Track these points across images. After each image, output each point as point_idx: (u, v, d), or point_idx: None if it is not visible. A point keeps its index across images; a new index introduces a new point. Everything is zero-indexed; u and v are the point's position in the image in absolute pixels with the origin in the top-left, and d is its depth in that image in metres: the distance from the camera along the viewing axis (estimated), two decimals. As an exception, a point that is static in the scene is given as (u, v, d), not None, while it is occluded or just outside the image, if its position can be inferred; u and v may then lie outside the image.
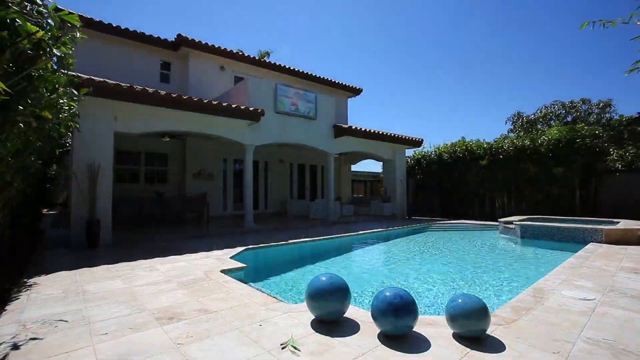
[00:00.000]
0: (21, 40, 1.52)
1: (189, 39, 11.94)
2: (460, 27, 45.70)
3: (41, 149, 4.10)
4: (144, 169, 12.21)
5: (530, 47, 44.97)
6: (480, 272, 5.51)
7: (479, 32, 45.69)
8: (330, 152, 12.15)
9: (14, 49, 1.49)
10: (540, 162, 12.59)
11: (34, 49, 1.99)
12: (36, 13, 2.13)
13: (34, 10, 2.00)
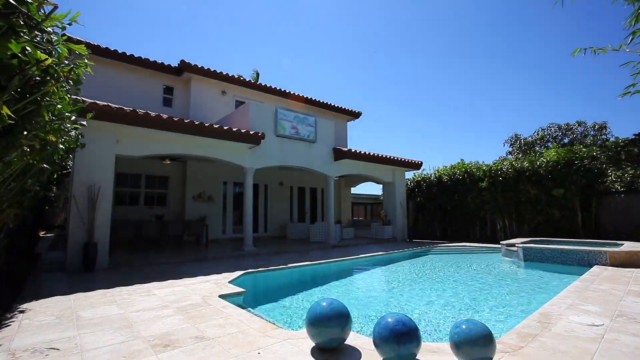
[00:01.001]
0: (30, 67, 1.57)
1: (191, 64, 12.29)
2: (457, 50, 47.13)
3: (42, 172, 4.12)
4: (144, 191, 12.20)
5: (526, 71, 46.19)
6: (484, 297, 5.38)
7: (476, 56, 47.08)
8: (330, 175, 12.19)
9: (22, 75, 1.53)
10: (539, 183, 12.61)
11: (41, 75, 2.05)
12: (46, 41, 2.21)
13: (44, 39, 2.07)
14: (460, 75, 51.11)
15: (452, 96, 56.01)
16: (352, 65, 51.93)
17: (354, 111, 17.75)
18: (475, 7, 38.98)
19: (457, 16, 40.47)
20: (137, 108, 8.26)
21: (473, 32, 42.99)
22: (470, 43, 45.13)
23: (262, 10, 27.91)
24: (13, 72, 1.40)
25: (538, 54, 43.50)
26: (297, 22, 39.51)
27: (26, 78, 1.66)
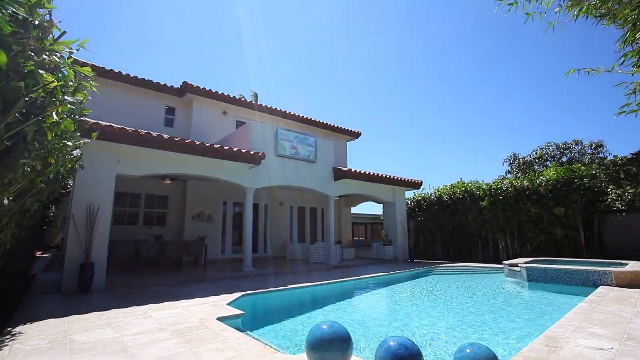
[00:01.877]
0: (37, 89, 1.60)
1: (193, 85, 12.54)
2: (455, 70, 48.20)
3: (42, 191, 4.12)
4: (143, 211, 12.15)
5: (524, 91, 47.06)
6: (488, 319, 5.25)
7: (474, 76, 48.11)
8: (330, 195, 12.18)
9: (28, 97, 1.56)
10: (540, 202, 12.58)
11: (46, 96, 2.09)
12: (53, 64, 2.26)
13: (52, 62, 2.12)
14: (458, 95, 52.09)
15: (450, 115, 56.83)
16: (351, 85, 53.02)
17: (354, 131, 17.95)
18: (472, 29, 40.20)
19: (454, 37, 41.67)
20: (139, 128, 8.36)
21: (470, 52, 44.15)
22: (467, 63, 46.25)
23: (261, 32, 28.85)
24: (20, 94, 1.43)
25: (534, 74, 44.50)
26: (296, 44, 40.67)
27: (32, 100, 1.69)
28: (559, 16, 4.17)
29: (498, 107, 51.47)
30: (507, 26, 39.79)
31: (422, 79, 49.64)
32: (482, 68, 46.23)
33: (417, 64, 47.37)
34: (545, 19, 4.25)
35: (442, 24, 39.58)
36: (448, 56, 45.14)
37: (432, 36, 41.82)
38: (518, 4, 4.23)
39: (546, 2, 4.17)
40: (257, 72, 40.36)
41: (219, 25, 40.36)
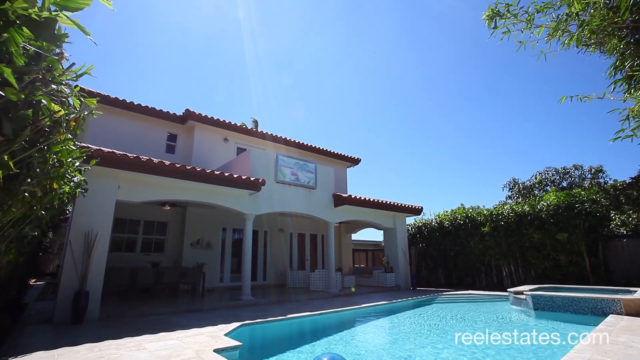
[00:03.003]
0: (43, 119, 1.64)
1: (195, 113, 12.79)
2: (453, 96, 49.34)
3: (41, 218, 4.09)
4: (142, 237, 12.00)
5: (521, 116, 47.94)
6: (496, 349, 5.05)
7: (472, 102, 49.18)
8: (330, 221, 12.09)
9: (34, 126, 1.59)
10: (542, 228, 12.46)
11: (51, 124, 2.13)
12: (59, 93, 2.32)
13: (59, 90, 2.18)
14: (456, 121, 53.03)
15: (449, 141, 57.53)
16: (350, 112, 54.11)
17: (354, 157, 18.12)
18: (468, 58, 41.55)
19: (453, 65, 43.01)
20: (141, 154, 8.45)
21: (468, 79, 45.42)
22: (465, 90, 47.42)
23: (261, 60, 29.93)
24: (27, 122, 1.46)
25: (532, 100, 45.52)
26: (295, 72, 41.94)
27: (37, 128, 1.73)
28: (550, 45, 4.33)
29: (496, 132, 52.24)
30: (503, 55, 41.22)
31: (421, 106, 50.75)
32: (479, 95, 47.39)
33: (415, 92, 48.61)
34: (537, 47, 4.41)
35: (439, 53, 41.00)
36: (446, 84, 46.40)
37: (429, 65, 43.19)
38: (511, 33, 4.40)
39: (537, 31, 4.35)
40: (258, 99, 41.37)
41: (221, 53, 41.84)
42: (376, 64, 42.23)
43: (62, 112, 1.86)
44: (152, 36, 33.19)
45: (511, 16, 4.30)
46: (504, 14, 4.31)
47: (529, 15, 4.21)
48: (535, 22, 4.25)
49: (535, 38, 4.37)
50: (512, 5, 4.22)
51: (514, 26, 4.37)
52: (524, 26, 4.29)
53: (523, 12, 4.22)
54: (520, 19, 4.27)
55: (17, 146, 1.47)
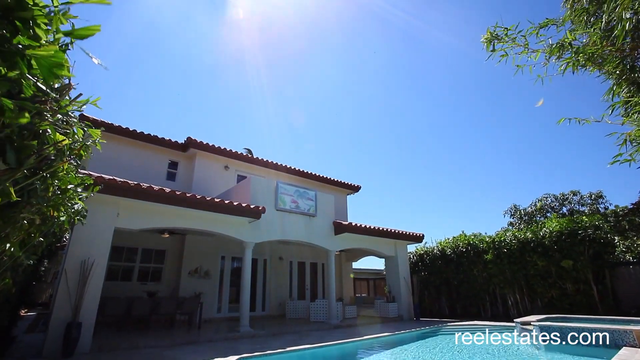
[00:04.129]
0: (48, 148, 1.67)
1: (197, 141, 12.96)
2: (453, 124, 50.20)
3: (37, 246, 4.04)
4: (139, 266, 11.77)
5: (520, 142, 48.54)
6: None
7: (471, 128, 49.96)
8: (330, 250, 11.93)
9: (38, 155, 1.62)
10: (546, 255, 12.26)
11: (55, 153, 2.16)
12: (64, 123, 2.38)
13: (64, 121, 2.24)
14: (456, 148, 53.63)
15: (449, 169, 57.92)
16: (350, 139, 54.88)
17: (354, 185, 18.17)
18: (469, 85, 42.70)
19: (452, 92, 44.11)
20: (142, 182, 8.48)
21: (468, 106, 46.43)
22: (465, 117, 48.37)
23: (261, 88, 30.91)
24: (31, 151, 1.49)
25: (529, 126, 46.26)
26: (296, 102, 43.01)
27: (41, 157, 1.76)
28: (546, 69, 4.44)
29: (496, 159, 52.73)
30: (501, 82, 42.40)
31: (420, 133, 51.56)
32: (478, 122, 48.28)
33: (414, 120, 49.60)
34: (535, 71, 4.52)
35: (438, 82, 42.26)
36: (445, 112, 47.43)
37: (429, 94, 44.36)
38: (509, 56, 4.52)
39: (534, 55, 4.46)
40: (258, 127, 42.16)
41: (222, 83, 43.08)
42: (376, 93, 43.37)
43: (66, 142, 1.90)
44: (155, 65, 34.36)
45: (509, 40, 4.44)
46: (502, 37, 4.45)
47: (526, 40, 4.36)
48: (531, 47, 4.39)
49: (533, 62, 4.49)
50: (510, 29, 4.37)
51: (512, 50, 4.50)
52: (521, 50, 4.43)
53: (521, 37, 4.36)
54: (518, 43, 4.41)
55: (20, 174, 1.49)
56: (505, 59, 4.56)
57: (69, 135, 2.33)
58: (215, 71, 40.93)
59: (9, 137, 1.33)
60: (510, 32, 4.41)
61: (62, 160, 2.43)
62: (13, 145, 1.36)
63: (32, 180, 2.05)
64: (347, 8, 32.84)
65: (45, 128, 1.53)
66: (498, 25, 4.41)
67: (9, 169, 1.39)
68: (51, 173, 2.11)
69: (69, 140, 2.27)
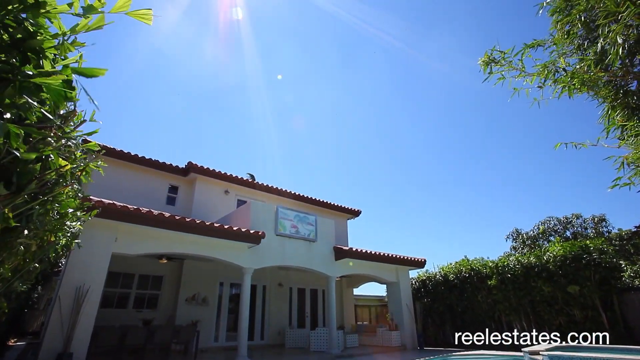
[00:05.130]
0: (50, 173, 1.68)
1: (197, 166, 13.03)
2: (453, 147, 50.64)
3: (32, 271, 3.96)
4: (135, 293, 11.48)
5: (520, 166, 48.78)
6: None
7: (472, 152, 50.35)
8: (331, 276, 11.70)
9: (40, 180, 1.62)
10: (551, 280, 11.99)
11: (56, 178, 2.17)
12: (67, 148, 2.41)
13: (66, 146, 2.26)
14: (456, 172, 53.88)
15: (450, 193, 57.88)
16: (350, 163, 55.25)
17: (354, 209, 18.09)
18: (468, 108, 43.46)
19: (453, 115, 44.85)
20: (141, 206, 8.45)
21: (468, 130, 47.05)
22: (466, 141, 48.90)
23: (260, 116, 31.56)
24: (33, 176, 1.50)
25: (529, 148, 46.67)
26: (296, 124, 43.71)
27: (43, 182, 1.76)
28: (542, 93, 4.53)
29: (496, 182, 52.81)
30: (499, 105, 43.25)
31: (420, 157, 51.99)
32: (477, 146, 48.79)
33: (414, 144, 50.16)
34: (532, 94, 4.61)
35: (437, 107, 43.11)
36: (444, 137, 48.04)
37: (428, 118, 45.15)
38: (505, 79, 4.62)
39: (530, 79, 4.56)
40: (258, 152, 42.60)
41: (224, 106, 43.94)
42: (375, 117, 44.15)
43: (68, 167, 1.91)
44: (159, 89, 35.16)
45: (505, 63, 4.56)
46: (499, 60, 4.57)
47: (522, 65, 4.47)
48: (527, 70, 4.50)
49: (529, 85, 4.58)
50: (506, 52, 4.50)
51: (508, 73, 4.61)
52: (518, 73, 4.54)
53: (517, 61, 4.48)
54: (514, 67, 4.53)
55: (20, 199, 1.48)
56: (502, 81, 4.66)
57: (71, 159, 2.35)
58: (218, 96, 41.89)
59: (12, 162, 1.35)
60: (507, 55, 4.54)
61: (63, 184, 2.44)
62: (16, 171, 1.37)
63: (32, 205, 2.05)
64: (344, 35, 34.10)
65: (48, 153, 1.55)
66: (495, 49, 4.55)
67: (9, 194, 1.39)
68: (52, 197, 2.11)
69: (71, 164, 2.29)
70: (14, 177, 1.35)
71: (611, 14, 3.45)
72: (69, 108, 2.18)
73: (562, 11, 4.28)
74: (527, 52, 4.43)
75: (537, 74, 4.36)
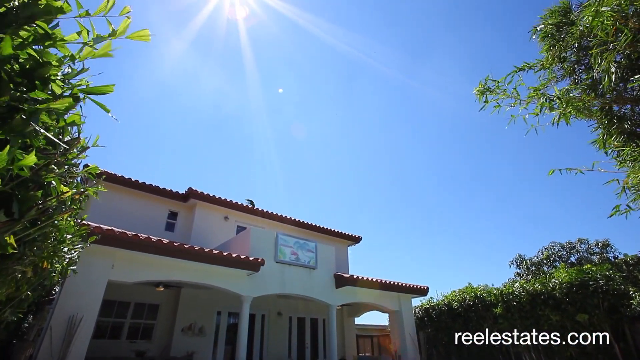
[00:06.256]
0: (51, 200, 1.68)
1: (197, 191, 13.02)
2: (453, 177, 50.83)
3: (24, 300, 3.86)
4: (129, 322, 11.08)
5: (522, 192, 48.74)
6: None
7: (472, 180, 50.48)
8: (331, 304, 11.37)
9: (41, 206, 1.62)
10: (558, 308, 11.64)
11: (57, 204, 2.17)
12: (69, 174, 2.42)
13: (69, 172, 2.28)
14: (458, 198, 53.79)
15: (452, 219, 57.51)
16: (351, 190, 55.29)
17: (354, 236, 17.89)
18: (470, 136, 44.05)
19: (453, 141, 45.37)
20: (140, 232, 8.37)
21: (469, 156, 47.43)
22: (466, 167, 49.19)
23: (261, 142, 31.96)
24: (34, 203, 1.50)
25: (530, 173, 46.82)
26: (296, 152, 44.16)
27: (43, 208, 1.76)
28: (538, 119, 4.60)
29: (498, 208, 52.60)
30: (501, 132, 43.87)
31: (422, 184, 52.14)
32: (479, 173, 49.04)
33: (416, 170, 50.46)
34: (529, 120, 4.67)
35: (439, 133, 43.75)
36: (445, 162, 48.42)
37: (430, 145, 45.70)
38: (501, 107, 4.70)
39: (525, 104, 4.64)
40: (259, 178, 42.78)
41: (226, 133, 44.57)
42: (376, 143, 44.70)
43: (69, 193, 1.92)
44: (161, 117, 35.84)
45: (500, 92, 4.67)
46: (494, 89, 4.68)
47: (517, 93, 4.57)
48: (522, 98, 4.59)
49: (525, 112, 4.66)
50: (500, 81, 4.61)
51: (503, 101, 4.70)
52: (513, 101, 4.63)
53: (512, 89, 4.59)
54: (509, 95, 4.63)
55: (20, 226, 1.47)
56: (498, 109, 4.75)
57: (71, 185, 2.36)
58: (220, 123, 42.64)
59: (14, 189, 1.35)
60: (501, 83, 4.66)
61: (63, 210, 2.43)
62: (17, 197, 1.37)
63: (31, 232, 2.03)
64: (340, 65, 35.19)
65: (50, 180, 1.56)
66: (489, 78, 4.67)
67: (9, 221, 1.38)
68: (51, 224, 2.10)
69: (72, 190, 2.29)
70: (14, 206, 1.35)
71: (603, 42, 3.58)
72: (73, 134, 2.21)
73: (553, 36, 4.44)
74: (520, 79, 4.56)
75: (530, 95, 4.46)
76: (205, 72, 32.74)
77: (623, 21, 3.20)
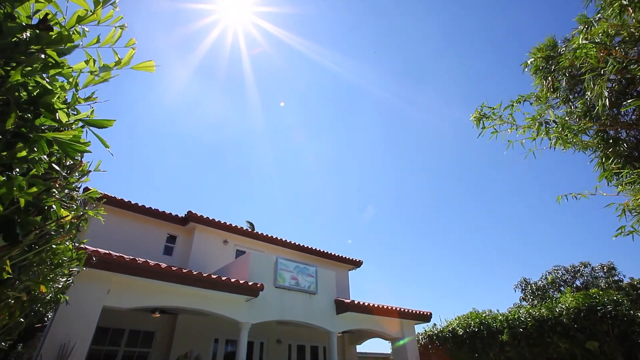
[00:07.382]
0: (50, 224, 1.68)
1: (197, 215, 12.95)
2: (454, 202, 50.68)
3: (15, 327, 3.75)
4: (123, 351, 10.69)
5: (524, 215, 48.43)
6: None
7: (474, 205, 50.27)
8: (332, 331, 11.02)
9: (40, 230, 1.62)
10: (567, 335, 11.25)
11: (56, 229, 2.16)
12: (70, 198, 2.43)
13: (69, 196, 2.29)
14: (460, 222, 53.41)
15: (454, 244, 56.85)
16: (352, 213, 55.02)
17: (355, 260, 17.63)
18: (473, 161, 44.31)
19: (453, 165, 45.57)
20: (137, 256, 8.25)
21: (472, 179, 47.50)
22: (469, 190, 49.15)
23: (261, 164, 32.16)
24: (33, 227, 1.50)
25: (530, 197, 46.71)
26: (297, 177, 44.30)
27: (42, 233, 1.76)
28: (535, 143, 4.65)
29: (501, 232, 52.11)
30: (503, 156, 44.17)
31: (424, 208, 51.96)
32: (480, 197, 48.99)
33: (418, 194, 50.43)
34: (526, 145, 4.72)
35: (440, 157, 44.08)
36: (448, 189, 48.48)
37: (433, 169, 45.92)
38: (499, 132, 4.76)
39: (522, 131, 4.70)
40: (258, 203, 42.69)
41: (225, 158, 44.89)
42: (378, 170, 44.94)
43: (69, 217, 1.92)
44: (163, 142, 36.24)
45: (496, 118, 4.75)
46: (490, 115, 4.76)
47: (513, 119, 4.65)
48: (519, 123, 4.67)
49: (522, 137, 4.72)
50: (496, 108, 4.69)
51: (500, 127, 4.77)
52: (509, 127, 4.70)
53: (507, 115, 4.67)
54: (505, 120, 4.71)
55: (18, 251, 1.47)
56: (496, 135, 4.82)
57: (71, 209, 2.36)
58: (221, 147, 43.09)
59: (14, 213, 1.36)
60: (496, 110, 4.75)
61: (61, 235, 2.42)
62: (17, 222, 1.37)
63: (28, 256, 2.01)
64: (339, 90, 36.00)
65: (50, 204, 1.57)
66: (484, 105, 4.77)
67: (7, 245, 1.38)
68: (49, 248, 2.08)
69: (72, 214, 2.29)
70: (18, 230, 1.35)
71: (594, 69, 3.69)
72: (75, 160, 2.24)
73: (544, 69, 4.58)
74: (516, 106, 4.67)
75: (528, 126, 4.54)
76: (207, 97, 33.51)
77: (607, 52, 3.32)
